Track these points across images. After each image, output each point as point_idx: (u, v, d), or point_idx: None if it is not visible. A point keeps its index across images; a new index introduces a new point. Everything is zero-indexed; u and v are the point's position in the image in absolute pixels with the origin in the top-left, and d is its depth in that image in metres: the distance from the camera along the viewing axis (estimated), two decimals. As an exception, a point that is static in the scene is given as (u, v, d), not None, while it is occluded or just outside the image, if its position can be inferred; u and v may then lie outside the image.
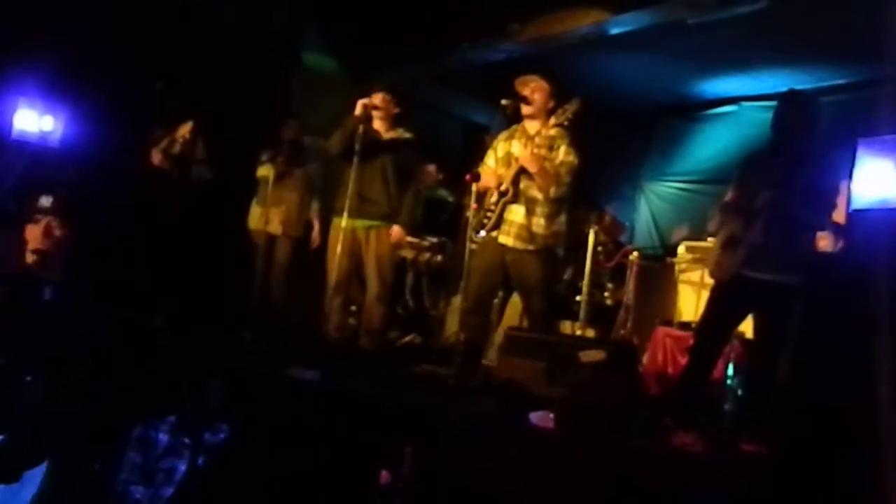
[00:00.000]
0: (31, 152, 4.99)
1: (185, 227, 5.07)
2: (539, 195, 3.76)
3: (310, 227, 5.32)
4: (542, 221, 3.77)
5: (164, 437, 2.80)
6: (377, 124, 4.30)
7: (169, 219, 5.06)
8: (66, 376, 2.40)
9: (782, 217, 3.20)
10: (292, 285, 5.25)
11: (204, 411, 2.86)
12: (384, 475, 2.61)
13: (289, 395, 3.32)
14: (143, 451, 2.78)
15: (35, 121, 5.10)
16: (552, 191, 3.71)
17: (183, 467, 2.77)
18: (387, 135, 4.35)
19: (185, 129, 5.12)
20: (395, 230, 4.35)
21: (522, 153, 3.74)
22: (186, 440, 2.79)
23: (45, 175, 4.99)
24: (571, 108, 3.70)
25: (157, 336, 3.99)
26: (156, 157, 5.10)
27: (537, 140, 3.77)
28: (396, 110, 4.38)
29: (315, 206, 5.34)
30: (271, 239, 5.24)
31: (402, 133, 4.41)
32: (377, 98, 4.28)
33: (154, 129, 5.20)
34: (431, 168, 5.78)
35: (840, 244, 3.71)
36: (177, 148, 5.12)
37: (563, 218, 3.85)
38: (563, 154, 3.74)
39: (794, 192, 3.17)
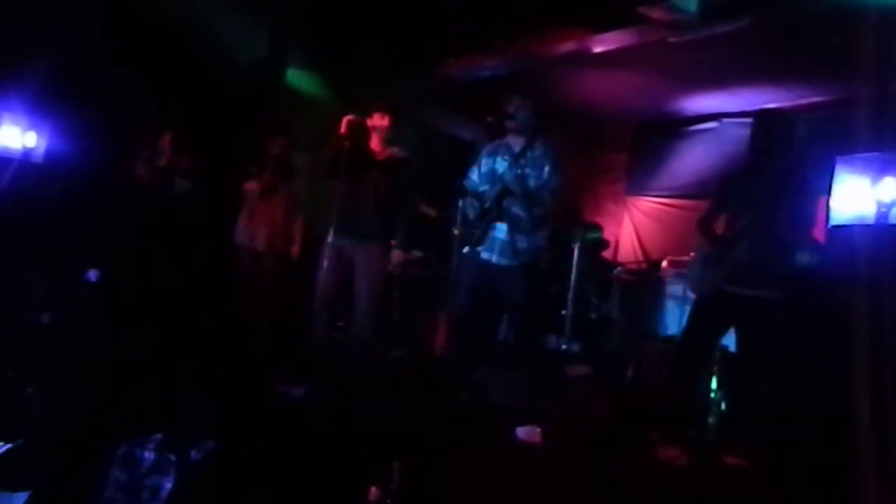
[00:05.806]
0: (14, 168, 4.97)
1: (170, 242, 5.06)
2: (522, 213, 3.84)
3: (294, 242, 5.31)
4: (525, 238, 3.85)
5: (149, 455, 2.78)
6: (375, 143, 4.32)
7: (153, 233, 5.04)
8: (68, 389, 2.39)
9: (766, 236, 3.24)
10: (278, 301, 5.23)
11: (189, 428, 2.83)
12: (373, 491, 2.61)
13: (275, 412, 3.31)
14: (127, 469, 2.76)
15: (19, 137, 5.08)
16: (535, 210, 3.82)
17: (169, 485, 2.75)
18: (382, 154, 4.36)
19: (165, 140, 5.13)
20: (395, 253, 4.40)
21: (508, 174, 3.82)
22: (172, 458, 2.77)
23: (29, 190, 4.98)
24: (555, 133, 3.81)
25: (142, 352, 3.98)
26: (140, 170, 5.10)
27: (522, 160, 3.83)
28: (393, 129, 4.40)
29: (299, 222, 5.33)
30: (257, 254, 5.23)
31: (397, 152, 4.41)
32: (376, 117, 4.30)
33: (138, 146, 5.20)
34: (424, 207, 5.55)
35: (819, 260, 3.77)
36: (162, 160, 5.13)
37: (545, 233, 3.95)
38: (547, 175, 3.84)
39: (778, 214, 3.20)
